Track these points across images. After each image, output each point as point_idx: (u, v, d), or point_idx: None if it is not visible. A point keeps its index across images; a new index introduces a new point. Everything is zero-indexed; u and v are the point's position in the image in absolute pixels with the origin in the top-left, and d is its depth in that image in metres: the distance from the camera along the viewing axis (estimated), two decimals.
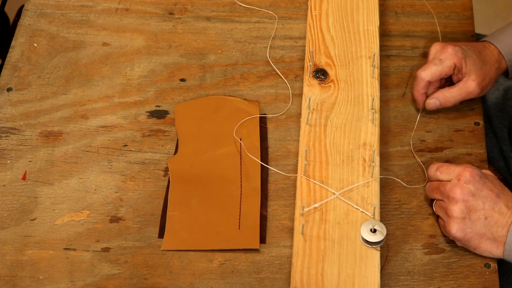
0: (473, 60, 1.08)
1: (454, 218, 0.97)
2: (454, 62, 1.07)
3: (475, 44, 1.12)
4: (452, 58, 1.07)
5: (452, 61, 1.07)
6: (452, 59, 1.07)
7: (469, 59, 1.08)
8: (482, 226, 0.96)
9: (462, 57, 1.07)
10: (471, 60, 1.08)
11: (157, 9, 1.26)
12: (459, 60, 1.07)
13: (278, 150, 1.10)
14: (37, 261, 1.01)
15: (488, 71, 1.09)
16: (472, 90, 1.08)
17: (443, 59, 1.08)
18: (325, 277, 0.95)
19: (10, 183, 1.08)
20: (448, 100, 1.09)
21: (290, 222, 1.03)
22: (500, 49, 1.11)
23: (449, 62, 1.07)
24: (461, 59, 1.07)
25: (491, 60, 1.10)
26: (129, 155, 1.10)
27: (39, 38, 1.23)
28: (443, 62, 1.08)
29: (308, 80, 1.12)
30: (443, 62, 1.08)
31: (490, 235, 0.97)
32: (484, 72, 1.08)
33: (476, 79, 1.07)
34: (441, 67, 1.08)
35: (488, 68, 1.09)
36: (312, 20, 1.19)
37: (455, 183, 0.97)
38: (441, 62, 1.08)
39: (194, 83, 1.18)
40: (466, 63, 1.07)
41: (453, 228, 0.97)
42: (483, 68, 1.08)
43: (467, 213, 0.96)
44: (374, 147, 1.05)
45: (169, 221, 1.03)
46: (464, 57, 1.07)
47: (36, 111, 1.15)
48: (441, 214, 1.00)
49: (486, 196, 0.97)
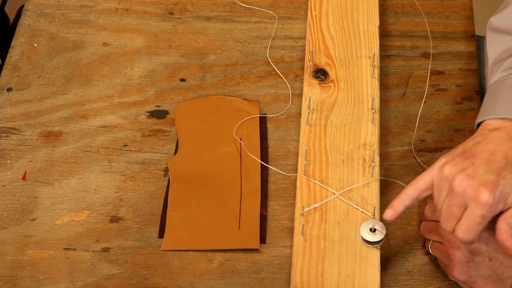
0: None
1: (457, 262, 0.93)
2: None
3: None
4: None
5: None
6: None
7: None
8: (487, 268, 0.93)
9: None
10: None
11: (157, 9, 1.26)
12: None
13: (278, 150, 1.10)
14: (37, 261, 1.01)
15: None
16: None
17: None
18: (325, 277, 0.95)
19: (10, 183, 1.08)
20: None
21: (290, 222, 1.03)
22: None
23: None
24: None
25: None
26: (129, 155, 1.10)
27: (39, 38, 1.23)
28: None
29: (308, 80, 1.12)
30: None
31: (495, 276, 0.93)
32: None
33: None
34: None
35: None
36: (312, 20, 1.19)
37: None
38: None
39: (194, 83, 1.18)
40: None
41: (457, 272, 0.93)
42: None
43: (470, 257, 0.93)
44: (374, 147, 1.05)
45: (169, 221, 1.03)
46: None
47: (36, 111, 1.15)
48: (441, 257, 0.96)
49: (488, 237, 0.92)
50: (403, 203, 0.92)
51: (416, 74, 1.18)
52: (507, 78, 0.97)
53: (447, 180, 0.88)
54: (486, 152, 0.88)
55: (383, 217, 0.94)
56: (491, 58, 1.02)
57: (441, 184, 0.89)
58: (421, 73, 1.18)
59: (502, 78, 0.98)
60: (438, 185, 0.89)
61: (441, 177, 0.89)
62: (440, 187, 0.89)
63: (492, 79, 0.99)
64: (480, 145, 0.89)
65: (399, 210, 0.93)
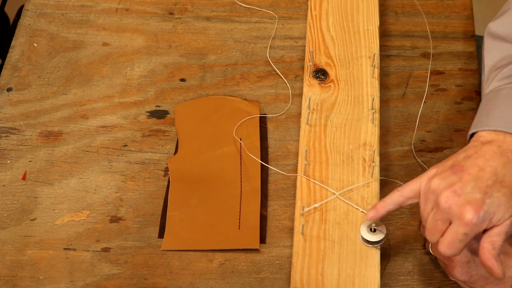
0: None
1: (457, 262, 0.93)
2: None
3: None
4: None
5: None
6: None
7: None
8: None
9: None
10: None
11: (157, 9, 1.26)
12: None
13: (278, 150, 1.10)
14: (37, 261, 1.01)
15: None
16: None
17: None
18: (325, 277, 0.95)
19: (10, 183, 1.08)
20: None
21: (290, 222, 1.03)
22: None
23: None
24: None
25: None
26: (129, 155, 1.10)
27: (39, 38, 1.23)
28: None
29: (308, 80, 1.12)
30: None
31: None
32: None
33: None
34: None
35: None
36: (312, 20, 1.19)
37: None
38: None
39: (194, 83, 1.18)
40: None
41: (457, 272, 0.93)
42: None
43: (471, 257, 0.93)
44: (374, 147, 1.05)
45: (169, 221, 1.03)
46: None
47: (36, 111, 1.15)
48: (441, 257, 0.96)
49: None
50: (387, 207, 0.93)
51: (416, 74, 1.18)
52: (503, 88, 0.96)
53: (434, 194, 0.88)
54: (475, 167, 0.87)
55: (365, 216, 0.95)
56: (488, 65, 1.01)
57: (428, 196, 0.89)
58: (421, 73, 1.18)
59: (498, 88, 0.96)
60: (424, 196, 0.90)
61: (428, 189, 0.89)
62: (427, 198, 0.89)
63: (488, 88, 0.98)
64: (470, 159, 0.88)
65: (381, 213, 0.93)
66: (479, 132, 0.92)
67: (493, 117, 0.92)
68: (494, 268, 0.86)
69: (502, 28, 1.02)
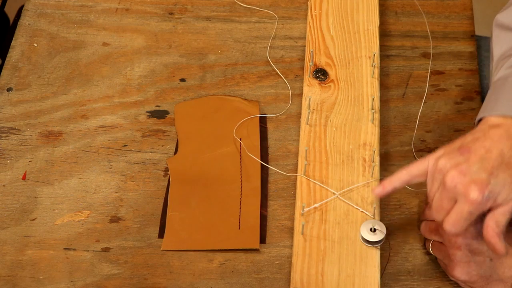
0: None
1: (457, 262, 0.93)
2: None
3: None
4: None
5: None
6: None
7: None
8: (488, 268, 0.93)
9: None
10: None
11: (157, 9, 1.26)
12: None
13: (278, 150, 1.10)
14: (37, 261, 1.01)
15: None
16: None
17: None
18: (325, 277, 0.95)
19: (10, 183, 1.08)
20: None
21: (290, 222, 1.03)
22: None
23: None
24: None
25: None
26: (129, 155, 1.10)
27: (39, 38, 1.23)
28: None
29: (308, 80, 1.12)
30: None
31: (496, 276, 0.93)
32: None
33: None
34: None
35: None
36: (312, 20, 1.19)
37: None
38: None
39: (194, 83, 1.18)
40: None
41: (457, 272, 0.93)
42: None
43: (471, 257, 0.93)
44: (374, 147, 1.05)
45: (169, 221, 1.03)
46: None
47: (36, 111, 1.15)
48: (441, 257, 0.96)
49: None
50: (393, 184, 0.95)
51: (416, 74, 1.18)
52: (510, 75, 0.97)
53: (441, 173, 0.90)
54: (482, 149, 0.89)
55: (372, 191, 0.97)
56: (496, 55, 1.03)
57: (435, 175, 0.91)
58: (421, 73, 1.18)
59: (506, 75, 0.98)
60: (431, 175, 0.91)
61: (435, 169, 0.90)
62: (434, 178, 0.91)
63: (496, 76, 1.00)
64: (478, 141, 0.90)
65: (387, 190, 0.95)
66: (487, 117, 0.94)
67: (501, 102, 0.94)
68: (497, 244, 0.87)
69: (509, 19, 1.04)
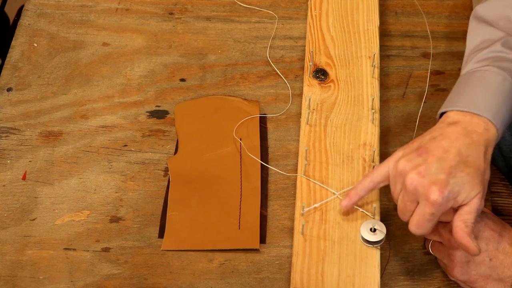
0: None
1: (457, 262, 0.93)
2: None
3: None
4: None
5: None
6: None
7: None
8: (487, 268, 0.92)
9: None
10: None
11: (157, 9, 1.26)
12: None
13: (278, 150, 1.10)
14: (37, 261, 1.01)
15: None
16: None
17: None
18: (325, 277, 0.95)
19: (10, 183, 1.08)
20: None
21: (290, 222, 1.03)
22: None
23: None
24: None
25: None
26: (129, 155, 1.10)
27: (39, 38, 1.23)
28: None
29: (308, 80, 1.12)
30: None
31: (496, 276, 0.93)
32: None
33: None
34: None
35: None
36: (312, 20, 1.19)
37: None
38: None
39: (194, 83, 1.18)
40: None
41: (457, 272, 0.93)
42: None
43: (470, 256, 0.92)
44: (374, 147, 1.05)
45: (169, 221, 1.03)
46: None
47: (36, 111, 1.15)
48: (441, 257, 0.96)
49: (488, 237, 0.92)
50: (359, 194, 0.96)
51: (416, 74, 1.18)
52: (477, 70, 0.97)
53: (401, 175, 0.91)
54: (439, 149, 0.90)
55: (340, 204, 0.98)
56: (469, 47, 1.03)
57: (396, 178, 0.92)
58: (421, 73, 1.18)
59: (472, 70, 0.98)
60: (393, 178, 0.93)
61: (395, 171, 0.92)
62: (395, 181, 0.92)
63: (464, 69, 1.00)
64: (435, 141, 0.91)
65: (354, 200, 0.97)
66: (447, 113, 0.95)
67: (463, 98, 0.95)
68: (469, 244, 0.88)
69: (487, 12, 1.04)
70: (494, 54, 0.98)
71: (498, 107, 0.93)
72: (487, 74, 0.96)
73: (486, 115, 0.92)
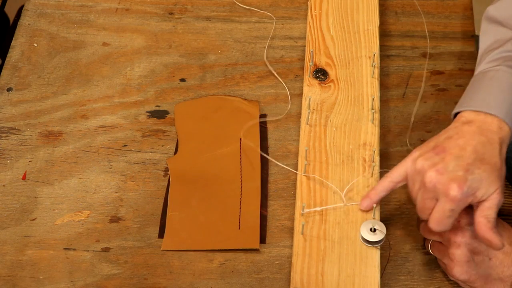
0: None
1: (457, 262, 0.93)
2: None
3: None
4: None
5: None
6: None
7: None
8: (487, 267, 0.93)
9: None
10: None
11: (157, 9, 1.26)
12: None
13: (278, 150, 1.10)
14: (37, 261, 1.01)
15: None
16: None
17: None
18: (325, 277, 0.95)
19: (10, 183, 1.08)
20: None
21: (290, 222, 1.03)
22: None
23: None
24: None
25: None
26: (129, 155, 1.10)
27: (39, 38, 1.23)
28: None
29: (308, 80, 1.12)
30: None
31: (496, 275, 0.93)
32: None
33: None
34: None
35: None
36: (312, 20, 1.19)
37: (456, 225, 0.93)
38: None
39: (194, 83, 1.18)
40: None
41: (457, 272, 0.93)
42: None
43: (470, 256, 0.93)
44: (374, 147, 1.05)
45: (169, 221, 1.03)
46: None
47: (36, 111, 1.15)
48: (441, 257, 0.96)
49: None
50: (379, 194, 0.97)
51: (416, 74, 1.18)
52: (489, 70, 0.99)
53: (420, 174, 0.92)
54: (456, 147, 0.91)
55: (359, 207, 0.99)
56: (481, 47, 1.04)
57: (414, 177, 0.93)
58: (421, 73, 1.18)
59: (485, 70, 0.99)
60: (411, 177, 0.94)
61: (414, 170, 0.93)
62: (414, 179, 0.93)
63: (478, 69, 1.01)
64: (451, 140, 0.92)
65: (374, 200, 0.98)
66: (462, 112, 0.96)
67: (476, 98, 0.96)
68: (492, 239, 0.89)
69: (499, 12, 1.05)
70: (505, 53, 1.00)
71: (510, 105, 0.95)
72: (498, 74, 0.97)
73: (498, 114, 0.94)
